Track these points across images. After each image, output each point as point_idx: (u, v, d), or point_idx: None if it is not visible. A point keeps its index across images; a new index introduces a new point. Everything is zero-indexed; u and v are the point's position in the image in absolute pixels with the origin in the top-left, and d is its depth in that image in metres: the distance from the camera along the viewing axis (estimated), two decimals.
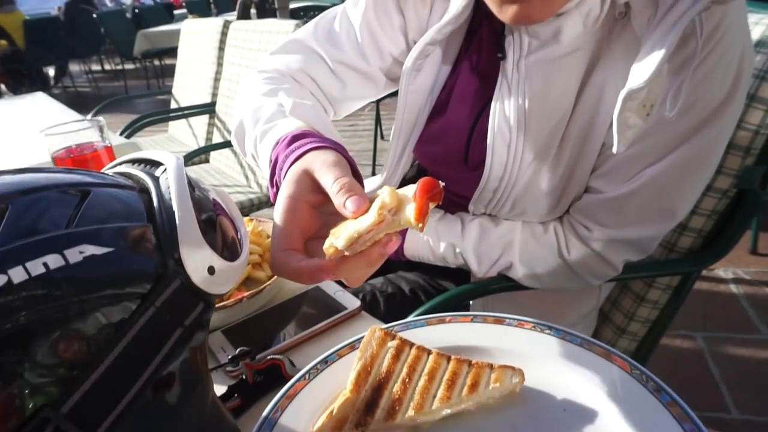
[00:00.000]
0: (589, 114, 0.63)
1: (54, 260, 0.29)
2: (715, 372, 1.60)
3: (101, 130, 0.81)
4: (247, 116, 0.72)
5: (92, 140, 0.81)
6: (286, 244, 0.46)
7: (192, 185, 0.40)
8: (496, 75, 0.68)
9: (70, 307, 0.30)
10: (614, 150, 0.54)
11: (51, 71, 7.69)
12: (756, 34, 0.73)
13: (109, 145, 0.81)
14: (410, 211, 0.40)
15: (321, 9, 3.17)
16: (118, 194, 0.36)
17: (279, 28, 1.81)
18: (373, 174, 3.27)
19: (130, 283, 0.33)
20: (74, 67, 8.38)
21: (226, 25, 2.23)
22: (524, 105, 0.65)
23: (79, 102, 7.01)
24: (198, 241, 0.35)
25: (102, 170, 0.44)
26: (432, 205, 0.40)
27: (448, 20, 0.69)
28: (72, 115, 1.86)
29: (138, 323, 0.32)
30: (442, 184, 0.41)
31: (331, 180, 0.46)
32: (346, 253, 0.41)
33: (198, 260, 0.35)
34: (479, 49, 0.73)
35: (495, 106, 0.68)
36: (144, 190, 0.38)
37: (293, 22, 1.77)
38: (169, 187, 0.37)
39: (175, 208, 0.35)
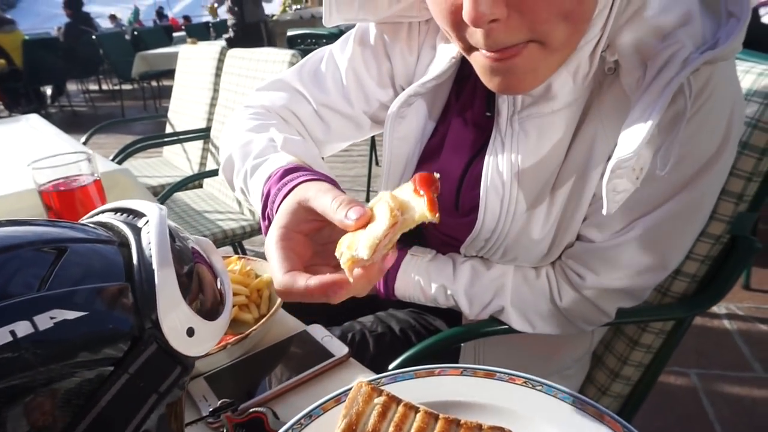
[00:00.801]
0: (579, 166, 0.63)
1: (23, 328, 0.28)
2: (710, 410, 1.57)
3: (90, 162, 0.80)
4: (236, 151, 0.72)
5: (81, 172, 0.80)
6: (289, 266, 0.46)
7: (174, 236, 0.39)
8: (489, 127, 0.68)
9: (39, 376, 0.29)
10: (604, 212, 0.53)
11: (48, 90, 7.71)
12: (747, 82, 0.73)
13: (97, 178, 0.80)
14: (421, 206, 0.41)
15: (318, 36, 3.20)
16: (97, 249, 0.35)
17: (275, 57, 1.82)
18: (368, 200, 3.27)
19: (103, 346, 0.31)
20: (71, 86, 8.42)
21: (223, 51, 2.25)
22: (517, 160, 0.65)
23: (74, 122, 7.03)
24: (177, 301, 0.34)
25: (84, 218, 0.43)
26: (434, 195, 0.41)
27: (432, 77, 0.69)
28: (65, 139, 1.85)
29: (110, 391, 0.31)
30: (437, 175, 0.43)
31: (329, 200, 0.46)
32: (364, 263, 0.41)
33: (176, 321, 0.34)
34: (472, 101, 0.72)
35: (488, 161, 0.67)
36: (124, 244, 0.37)
37: (289, 51, 1.77)
38: (150, 243, 0.36)
39: (154, 266, 0.34)
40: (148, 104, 7.24)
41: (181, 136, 2.37)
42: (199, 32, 9.63)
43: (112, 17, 15.97)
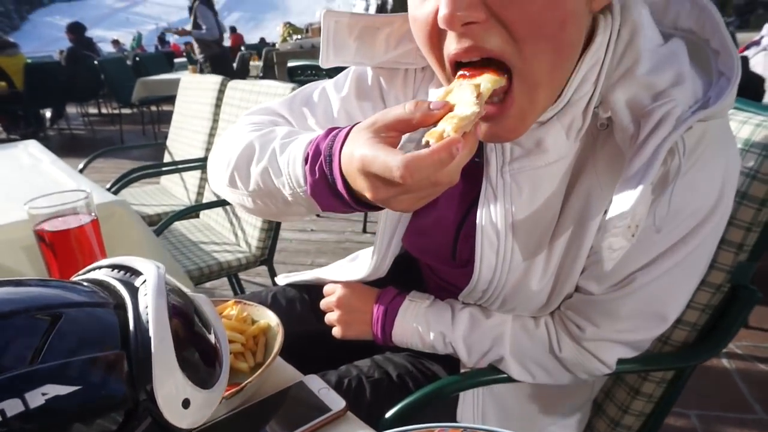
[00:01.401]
0: (575, 220, 0.63)
1: (12, 406, 0.27)
2: None
3: (87, 201, 0.79)
4: (251, 145, 0.68)
5: (78, 212, 0.79)
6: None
7: (171, 291, 0.38)
8: (481, 175, 0.67)
9: None
10: (604, 268, 0.54)
11: (48, 113, 7.74)
12: (744, 133, 0.74)
13: (95, 218, 0.80)
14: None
15: (318, 68, 3.24)
16: (92, 314, 0.34)
17: (276, 90, 1.83)
18: (364, 231, 3.27)
19: (96, 418, 0.30)
20: (71, 109, 8.45)
21: (224, 82, 2.27)
22: (511, 211, 0.65)
23: (73, 145, 7.05)
24: (173, 370, 0.33)
25: (81, 272, 0.42)
26: None
27: None
28: (63, 167, 1.84)
29: None
30: None
31: (399, 109, 0.47)
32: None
33: (172, 392, 0.33)
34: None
35: (481, 212, 0.67)
36: (120, 306, 0.36)
37: (290, 85, 1.79)
38: (147, 307, 0.35)
39: (151, 332, 0.33)
40: (147, 129, 7.26)
41: (179, 165, 2.37)
42: None
43: (115, 42, 16.20)
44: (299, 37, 6.57)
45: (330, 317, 0.86)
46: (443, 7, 0.48)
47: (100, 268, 0.42)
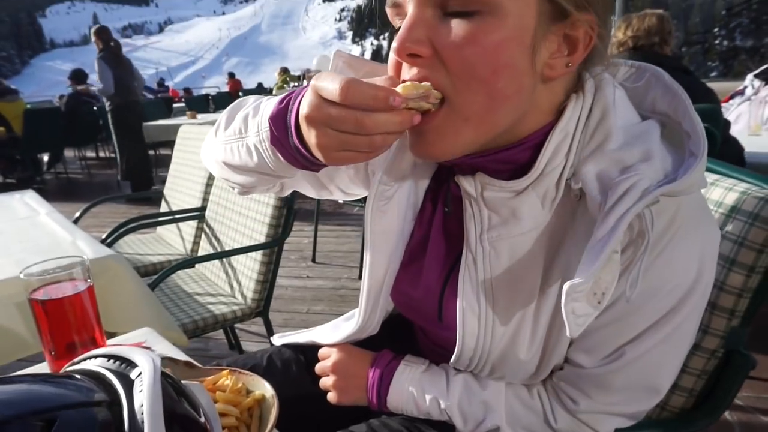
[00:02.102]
0: (557, 293, 0.63)
1: None
2: None
3: (83, 270, 0.79)
4: (247, 99, 0.73)
5: (73, 277, 0.79)
6: None
7: (167, 384, 0.39)
8: (463, 237, 0.69)
9: None
10: (567, 334, 0.55)
11: (45, 157, 7.79)
12: (730, 200, 0.76)
13: (90, 284, 0.80)
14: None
15: None
16: (87, 415, 0.34)
17: None
18: (360, 277, 3.26)
19: None
20: (68, 153, 8.50)
21: None
22: (490, 278, 0.66)
23: (69, 190, 7.07)
24: None
25: (77, 360, 0.42)
26: None
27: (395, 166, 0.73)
28: (58, 218, 1.85)
29: None
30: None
31: (371, 90, 0.51)
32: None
33: None
34: (445, 206, 0.75)
35: (462, 277, 0.69)
36: (115, 403, 0.36)
37: None
38: (142, 405, 0.35)
39: None
40: None
41: (176, 216, 2.38)
42: (199, 104, 9.91)
43: None
44: (296, 84, 6.71)
45: (325, 382, 0.85)
46: (395, 40, 0.55)
47: (95, 357, 0.42)
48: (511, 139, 0.61)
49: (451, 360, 0.73)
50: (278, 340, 1.04)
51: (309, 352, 0.98)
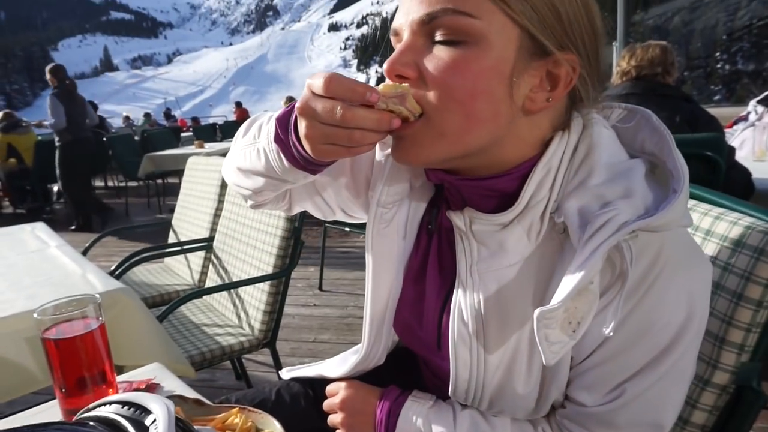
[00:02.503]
0: None
1: None
2: None
3: (95, 308, 0.80)
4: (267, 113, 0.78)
5: (86, 315, 0.80)
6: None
7: (178, 424, 0.39)
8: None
9: None
10: (543, 362, 0.56)
11: (54, 187, 7.89)
12: (735, 233, 0.76)
13: (102, 322, 0.81)
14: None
15: None
16: None
17: None
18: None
19: None
20: None
21: None
22: (480, 311, 0.67)
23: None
24: None
25: (92, 406, 0.43)
26: None
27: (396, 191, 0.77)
28: (68, 251, 1.87)
29: None
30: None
31: (361, 88, 0.56)
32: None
33: None
34: (440, 235, 0.77)
35: (454, 309, 0.70)
36: None
37: None
38: None
39: None
40: (152, 202, 7.39)
41: (184, 246, 2.40)
42: (206, 133, 10.05)
43: (126, 118, 16.80)
44: None
45: (333, 419, 0.85)
46: (386, 62, 0.61)
47: (110, 404, 0.42)
48: (497, 169, 0.64)
49: (449, 391, 0.74)
50: (287, 374, 1.04)
51: (317, 386, 0.98)
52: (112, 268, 2.13)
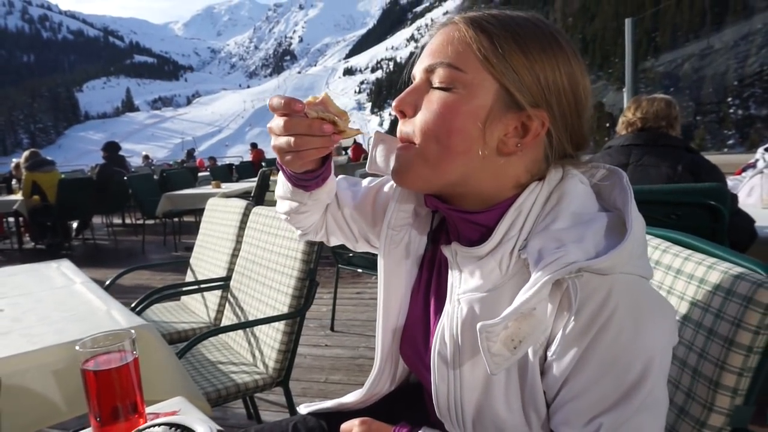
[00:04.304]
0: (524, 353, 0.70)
1: None
2: None
3: (131, 343, 0.87)
4: None
5: (122, 349, 0.87)
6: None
7: None
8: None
9: None
10: (488, 371, 0.66)
11: (74, 224, 8.07)
12: (726, 282, 0.81)
13: (136, 356, 0.87)
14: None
15: None
16: None
17: None
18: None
19: None
20: (96, 219, 8.79)
21: (248, 207, 2.43)
22: (459, 331, 0.75)
23: (96, 256, 7.26)
24: None
25: (142, 428, 0.49)
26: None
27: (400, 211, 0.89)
28: (93, 288, 1.94)
29: None
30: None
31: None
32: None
33: None
34: (440, 263, 0.86)
35: (440, 328, 0.78)
36: None
37: None
38: None
39: None
40: (168, 240, 7.51)
41: (201, 285, 2.47)
42: (223, 174, 10.28)
43: (146, 157, 17.23)
44: None
45: None
46: (395, 99, 0.77)
47: (158, 425, 0.49)
48: (480, 202, 0.76)
49: (434, 406, 0.80)
50: (304, 409, 1.09)
51: (333, 421, 1.02)
52: (133, 305, 2.20)
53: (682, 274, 0.92)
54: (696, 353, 0.85)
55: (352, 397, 1.03)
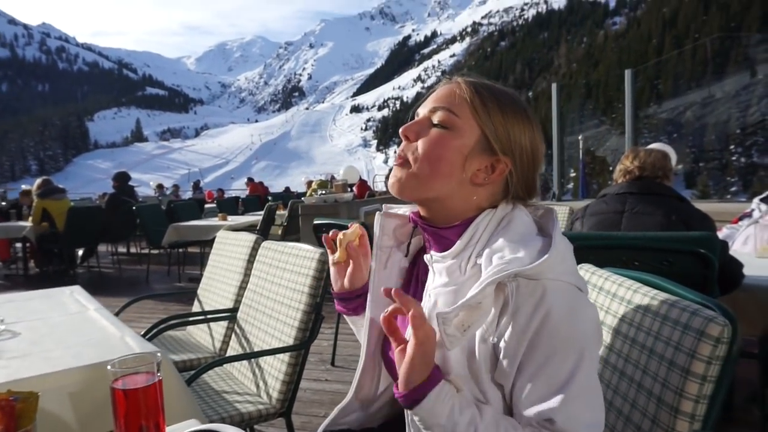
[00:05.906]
0: (469, 348, 0.86)
1: None
2: None
3: (156, 365, 0.96)
4: None
5: (149, 371, 0.95)
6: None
7: None
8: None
9: None
10: (447, 347, 0.81)
11: (80, 251, 8.16)
12: (684, 318, 0.94)
13: (160, 377, 0.95)
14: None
15: (341, 227, 3.53)
16: None
17: (305, 253, 2.05)
18: None
19: None
20: (101, 247, 8.87)
21: (258, 241, 2.52)
22: (428, 316, 0.89)
23: (101, 284, 7.32)
24: None
25: None
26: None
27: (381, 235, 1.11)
28: (105, 314, 2.02)
29: None
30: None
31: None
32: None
33: None
34: (419, 271, 1.06)
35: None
36: None
37: (319, 249, 2.00)
38: None
39: None
40: (172, 270, 7.57)
41: (208, 315, 2.54)
42: (229, 206, 10.41)
43: (159, 186, 17.48)
44: (323, 192, 7.12)
45: None
46: (403, 126, 0.97)
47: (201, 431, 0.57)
48: (448, 219, 0.95)
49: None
50: None
51: None
52: (141, 333, 2.27)
53: (649, 311, 1.04)
54: (659, 383, 0.95)
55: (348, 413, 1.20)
